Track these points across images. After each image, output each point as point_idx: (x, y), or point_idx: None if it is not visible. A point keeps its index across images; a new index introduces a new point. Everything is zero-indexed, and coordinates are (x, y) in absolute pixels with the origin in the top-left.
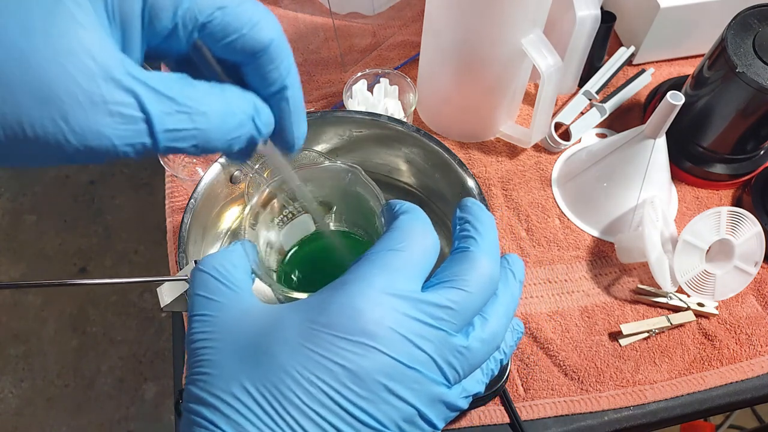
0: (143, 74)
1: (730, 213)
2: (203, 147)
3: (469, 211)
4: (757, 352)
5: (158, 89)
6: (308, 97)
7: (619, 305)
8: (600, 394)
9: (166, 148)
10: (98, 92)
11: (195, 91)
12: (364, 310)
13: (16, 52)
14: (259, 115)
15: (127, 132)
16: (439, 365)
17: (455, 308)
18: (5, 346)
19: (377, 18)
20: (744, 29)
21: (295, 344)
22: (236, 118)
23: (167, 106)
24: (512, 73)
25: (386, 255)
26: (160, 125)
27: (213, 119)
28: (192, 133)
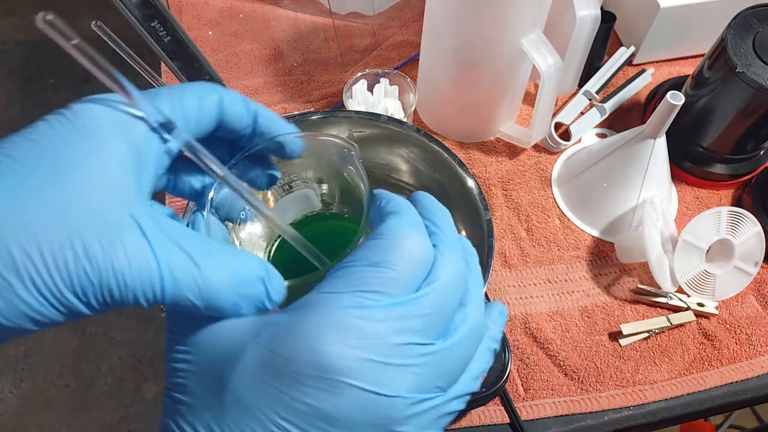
0: (167, 224)
1: (730, 213)
2: (207, 303)
3: (425, 207)
4: (757, 352)
5: (178, 242)
6: (308, 97)
7: (619, 305)
8: (600, 394)
9: (173, 299)
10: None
11: (210, 247)
12: (331, 342)
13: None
14: (271, 281)
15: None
16: (427, 382)
17: (433, 314)
18: (5, 346)
19: (377, 18)
20: (744, 29)
21: (258, 380)
22: (246, 278)
23: (181, 259)
24: (512, 73)
25: (364, 272)
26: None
27: (224, 274)
28: (198, 284)
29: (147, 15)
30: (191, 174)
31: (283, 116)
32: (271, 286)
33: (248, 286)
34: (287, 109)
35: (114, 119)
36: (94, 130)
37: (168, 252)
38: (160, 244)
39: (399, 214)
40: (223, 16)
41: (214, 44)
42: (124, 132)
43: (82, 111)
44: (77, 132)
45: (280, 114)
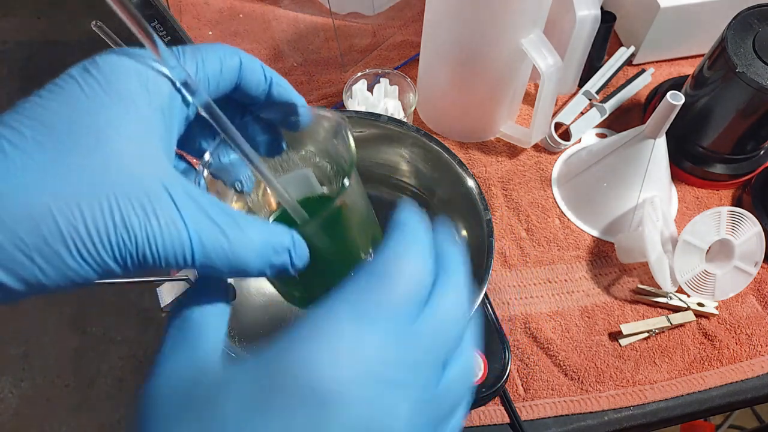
0: (197, 194)
1: (730, 213)
2: (234, 269)
3: (442, 233)
4: (757, 352)
5: (209, 213)
6: (308, 97)
7: (619, 305)
8: (600, 394)
9: (201, 266)
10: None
11: (237, 217)
12: (324, 366)
13: None
14: (296, 249)
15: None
16: (422, 418)
17: (431, 347)
18: (5, 346)
19: (377, 18)
20: (744, 29)
21: (247, 405)
22: (274, 248)
23: (213, 230)
24: (512, 73)
25: (362, 294)
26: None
27: (252, 245)
28: (226, 254)
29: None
30: (201, 137)
31: None
32: (296, 254)
33: (275, 255)
34: None
35: (142, 77)
36: (123, 90)
37: (198, 222)
38: (190, 215)
39: (400, 229)
40: (223, 16)
41: None
42: (152, 92)
43: (110, 67)
44: (108, 93)
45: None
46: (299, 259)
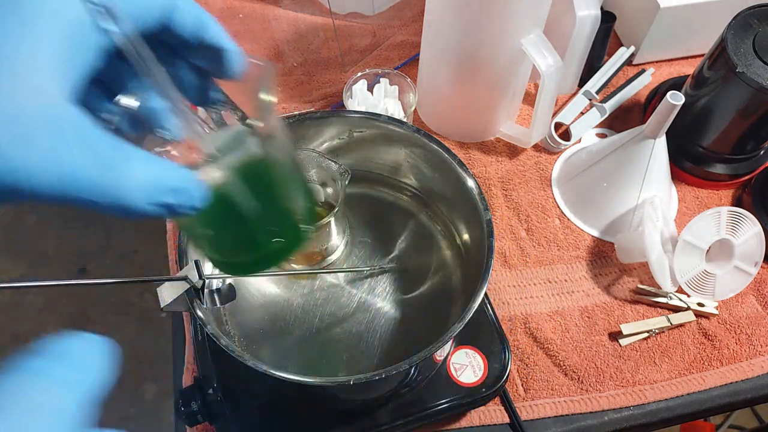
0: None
1: (730, 213)
2: (113, 204)
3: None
4: (757, 352)
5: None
6: (308, 97)
7: (619, 305)
8: (600, 394)
9: (77, 198)
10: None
11: (125, 152)
12: None
13: None
14: (189, 190)
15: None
16: None
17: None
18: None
19: (377, 18)
20: (744, 29)
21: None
22: (160, 186)
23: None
24: (512, 73)
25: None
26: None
27: (134, 181)
28: (102, 188)
29: None
30: (121, 78)
31: (283, 116)
32: (190, 195)
33: (163, 193)
34: (287, 109)
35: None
36: (19, 7)
37: (77, 154)
38: (70, 145)
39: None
40: (223, 16)
41: None
42: (57, 14)
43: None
44: (4, 13)
45: (280, 114)
46: (194, 200)
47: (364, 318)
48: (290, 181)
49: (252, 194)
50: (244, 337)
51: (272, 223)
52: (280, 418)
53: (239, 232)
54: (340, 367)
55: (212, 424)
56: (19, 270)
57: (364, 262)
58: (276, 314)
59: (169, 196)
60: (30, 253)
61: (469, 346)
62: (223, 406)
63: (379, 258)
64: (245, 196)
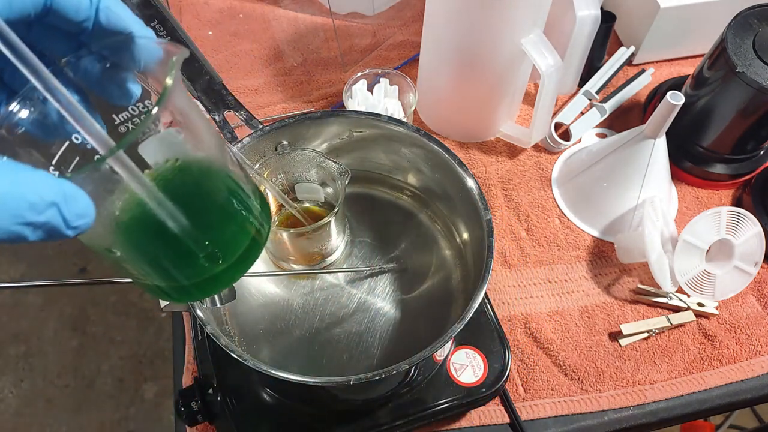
0: None
1: (730, 213)
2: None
3: None
4: (757, 352)
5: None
6: (308, 97)
7: (619, 305)
8: (600, 394)
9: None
10: None
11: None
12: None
13: None
14: (68, 205)
15: None
16: None
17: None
18: (5, 346)
19: (377, 18)
20: (744, 29)
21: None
22: (29, 203)
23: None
24: (512, 73)
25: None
26: None
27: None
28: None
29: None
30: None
31: (283, 116)
32: (68, 211)
33: (33, 211)
34: (287, 108)
35: None
36: None
37: None
38: None
39: None
40: (223, 16)
41: (214, 44)
42: None
43: None
44: None
45: (280, 114)
46: (76, 218)
47: (364, 318)
48: (221, 181)
49: (177, 203)
50: (244, 337)
51: (212, 233)
52: (280, 418)
53: (171, 249)
54: (340, 367)
55: (212, 424)
56: (19, 270)
57: (364, 262)
58: (276, 314)
59: (34, 213)
60: (30, 253)
61: (469, 346)
62: (223, 406)
63: (379, 258)
64: (166, 206)
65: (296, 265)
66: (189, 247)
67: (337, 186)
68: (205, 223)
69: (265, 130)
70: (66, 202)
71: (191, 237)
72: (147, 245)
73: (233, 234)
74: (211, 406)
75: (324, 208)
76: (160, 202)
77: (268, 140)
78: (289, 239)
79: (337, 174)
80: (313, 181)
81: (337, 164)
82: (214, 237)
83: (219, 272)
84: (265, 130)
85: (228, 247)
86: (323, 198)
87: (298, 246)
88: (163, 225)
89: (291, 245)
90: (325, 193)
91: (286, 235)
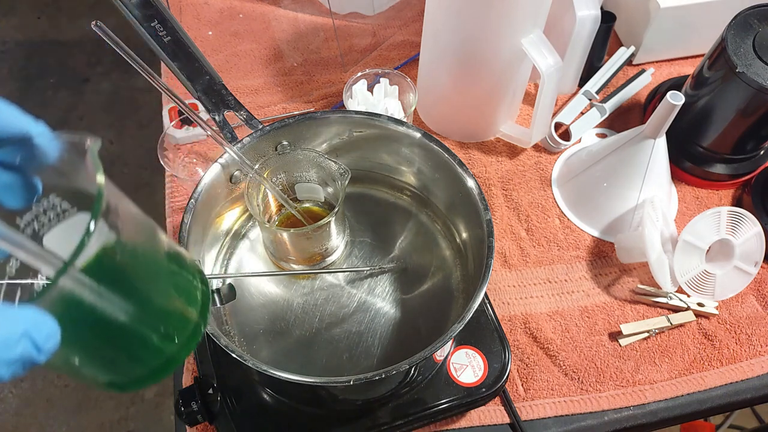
0: None
1: (730, 213)
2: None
3: None
4: (757, 352)
5: None
6: (308, 97)
7: (619, 305)
8: (600, 394)
9: None
10: None
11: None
12: None
13: None
14: (38, 330)
15: None
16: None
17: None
18: None
19: (377, 18)
20: (744, 29)
21: None
22: (4, 342)
23: None
24: (512, 73)
25: None
26: None
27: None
28: None
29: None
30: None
31: (283, 116)
32: (39, 337)
33: (7, 349)
34: (287, 109)
35: None
36: None
37: None
38: None
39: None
40: (223, 16)
41: (214, 44)
42: None
43: None
44: None
45: (280, 114)
46: (47, 340)
47: (364, 318)
48: (159, 267)
49: (119, 294)
50: (244, 337)
51: (155, 322)
52: (280, 418)
53: (117, 341)
54: (340, 367)
55: (212, 424)
56: None
57: (364, 262)
58: (276, 314)
59: (6, 350)
60: None
61: (469, 346)
62: (223, 406)
63: (379, 258)
64: (109, 299)
65: (296, 265)
66: (142, 332)
67: (337, 186)
68: (154, 305)
69: (265, 130)
70: (36, 329)
71: (143, 322)
72: (101, 340)
73: (182, 308)
74: (211, 406)
75: (324, 208)
76: (109, 299)
77: (268, 140)
78: (289, 239)
79: (337, 174)
80: (313, 181)
81: (337, 164)
82: (165, 317)
83: (175, 350)
84: (265, 130)
85: (179, 321)
86: (323, 198)
87: (298, 246)
88: (115, 318)
89: (291, 245)
90: (325, 193)
91: (286, 235)
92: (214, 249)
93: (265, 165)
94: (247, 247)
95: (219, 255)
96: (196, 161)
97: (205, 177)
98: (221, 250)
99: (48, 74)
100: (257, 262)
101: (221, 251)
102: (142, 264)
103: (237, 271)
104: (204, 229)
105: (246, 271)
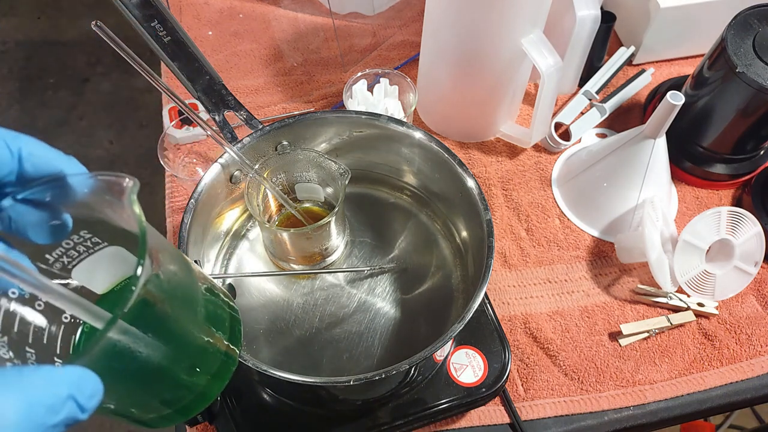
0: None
1: (730, 213)
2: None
3: None
4: (757, 352)
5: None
6: (308, 97)
7: (619, 305)
8: (600, 394)
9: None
10: None
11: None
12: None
13: None
14: (82, 390)
15: None
16: None
17: None
18: None
19: (377, 18)
20: (744, 29)
21: None
22: (49, 407)
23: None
24: (512, 73)
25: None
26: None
27: (12, 416)
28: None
29: (147, 15)
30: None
31: (283, 116)
32: (83, 397)
33: (52, 414)
34: (287, 109)
35: None
36: None
37: None
38: None
39: None
40: (223, 16)
41: (214, 44)
42: None
43: None
44: None
45: (280, 114)
46: (90, 400)
47: (364, 318)
48: (196, 305)
49: (157, 338)
50: (244, 337)
51: (192, 359)
52: (280, 418)
53: (155, 384)
54: (340, 367)
55: (212, 424)
56: None
57: (364, 262)
58: (276, 314)
59: (52, 415)
60: None
61: (469, 346)
62: (223, 406)
63: (379, 258)
64: (149, 345)
65: (296, 265)
66: (175, 372)
67: (337, 186)
68: (190, 344)
69: (265, 130)
70: (80, 390)
71: (177, 361)
72: (137, 386)
73: (214, 349)
74: (211, 406)
75: (324, 208)
76: (149, 343)
77: (268, 140)
78: (289, 239)
79: (337, 174)
80: (313, 181)
81: (337, 164)
82: (200, 354)
83: (205, 386)
84: (265, 130)
85: (211, 362)
86: (323, 198)
87: (298, 246)
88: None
89: (291, 245)
90: (325, 193)
91: (286, 235)
92: (214, 249)
93: (265, 165)
94: (247, 247)
95: (219, 255)
96: (196, 161)
97: (205, 177)
98: (221, 250)
99: (48, 74)
100: (257, 262)
101: (221, 251)
102: (180, 300)
103: (237, 271)
104: (204, 229)
105: (246, 271)
